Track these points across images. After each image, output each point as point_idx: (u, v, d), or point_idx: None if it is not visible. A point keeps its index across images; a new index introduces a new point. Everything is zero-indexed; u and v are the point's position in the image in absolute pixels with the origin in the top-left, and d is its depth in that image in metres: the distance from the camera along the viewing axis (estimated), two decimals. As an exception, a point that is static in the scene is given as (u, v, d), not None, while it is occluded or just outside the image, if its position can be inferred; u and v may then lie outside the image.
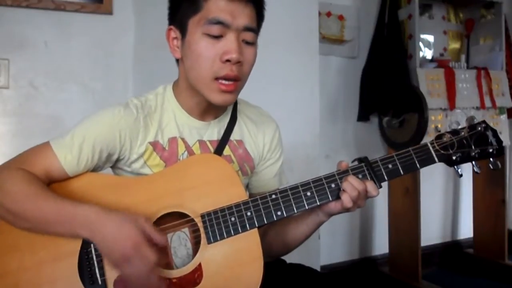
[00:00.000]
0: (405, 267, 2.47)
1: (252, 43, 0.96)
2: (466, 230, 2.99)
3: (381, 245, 2.70)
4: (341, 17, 2.51)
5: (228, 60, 0.92)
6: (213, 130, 1.05)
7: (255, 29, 0.95)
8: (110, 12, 1.82)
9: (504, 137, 2.47)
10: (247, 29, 0.93)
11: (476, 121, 0.98)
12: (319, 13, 2.24)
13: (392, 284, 2.52)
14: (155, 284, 0.84)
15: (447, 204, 3.02)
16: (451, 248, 2.97)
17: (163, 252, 0.93)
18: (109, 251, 0.84)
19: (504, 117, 2.57)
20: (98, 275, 0.89)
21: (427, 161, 0.96)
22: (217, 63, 0.92)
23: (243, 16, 0.92)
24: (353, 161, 0.98)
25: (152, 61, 1.81)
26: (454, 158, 0.96)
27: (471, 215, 2.84)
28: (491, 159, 0.97)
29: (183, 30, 0.96)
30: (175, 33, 0.98)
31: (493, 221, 2.71)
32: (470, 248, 2.90)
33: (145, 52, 1.83)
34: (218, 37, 0.92)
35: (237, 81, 0.95)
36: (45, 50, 1.76)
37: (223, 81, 0.93)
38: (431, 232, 2.88)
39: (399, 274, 2.51)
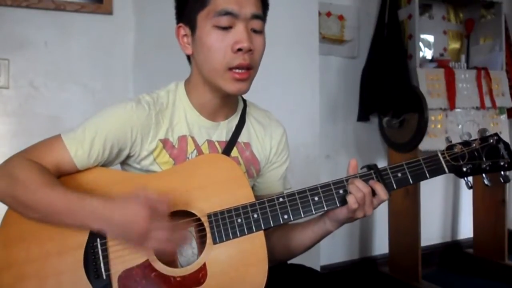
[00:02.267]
0: (405, 267, 2.47)
1: (260, 32, 0.97)
2: (466, 230, 2.99)
3: (381, 245, 2.70)
4: (341, 17, 2.51)
5: (239, 50, 0.92)
6: (222, 131, 1.06)
7: (262, 17, 0.97)
8: (110, 12, 1.82)
9: (504, 137, 2.44)
10: (255, 16, 0.94)
11: (488, 133, 0.97)
12: (319, 13, 2.24)
13: (392, 284, 2.52)
14: (182, 238, 0.90)
15: (447, 204, 3.02)
16: (451, 248, 2.97)
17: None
18: (126, 236, 0.86)
19: (504, 117, 2.57)
20: (103, 270, 0.89)
21: (437, 171, 0.96)
22: (229, 54, 0.93)
23: (250, 5, 0.93)
24: (362, 168, 0.98)
25: (152, 61, 1.81)
26: (464, 169, 0.95)
27: (471, 215, 2.84)
28: (502, 172, 0.96)
29: (192, 26, 0.97)
30: (184, 30, 0.99)
31: (493, 221, 2.71)
32: (470, 248, 2.90)
33: (145, 52, 1.83)
34: (227, 28, 0.93)
35: (250, 69, 0.96)
36: (45, 50, 1.76)
37: (237, 70, 0.94)
38: (431, 232, 2.88)
39: (399, 274, 2.51)
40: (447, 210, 3.02)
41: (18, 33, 1.71)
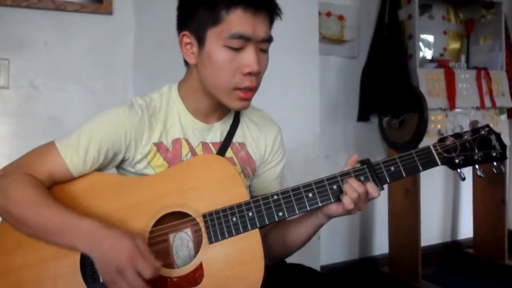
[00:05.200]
0: (405, 267, 2.47)
1: (266, 51, 0.98)
2: (466, 230, 2.99)
3: (381, 245, 2.70)
4: (341, 17, 2.51)
5: (249, 73, 0.93)
6: (216, 133, 1.06)
7: (272, 39, 0.97)
8: (110, 12, 1.82)
9: (504, 137, 2.45)
10: (265, 40, 0.95)
11: (479, 125, 0.97)
12: (319, 13, 2.24)
13: (392, 284, 2.52)
14: None
15: (447, 204, 3.02)
16: (451, 248, 2.97)
17: (164, 252, 0.93)
18: (105, 264, 0.84)
19: (504, 117, 2.57)
20: (99, 273, 0.89)
21: (430, 163, 0.95)
22: (238, 75, 0.94)
23: (262, 28, 0.94)
24: (356, 162, 0.98)
25: (152, 61, 1.81)
26: (457, 161, 0.95)
27: (471, 215, 2.84)
28: (494, 163, 0.96)
29: (200, 39, 0.95)
30: (189, 39, 0.97)
31: (493, 221, 2.71)
32: (470, 248, 2.90)
33: (145, 52, 1.83)
34: (238, 49, 0.93)
35: (255, 89, 0.98)
36: (45, 50, 1.76)
37: (243, 90, 0.95)
38: (431, 232, 2.88)
39: (399, 274, 2.51)
40: (447, 210, 3.02)
41: (18, 33, 1.71)
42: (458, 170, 0.97)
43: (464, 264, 2.83)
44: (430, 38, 2.70)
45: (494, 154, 0.96)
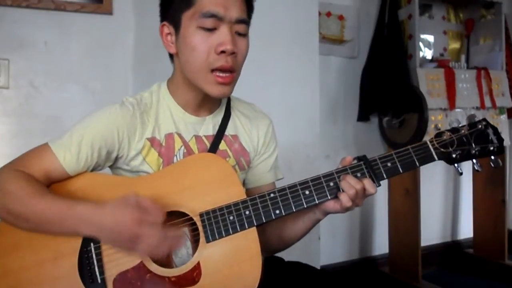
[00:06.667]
0: (405, 267, 2.47)
1: (244, 35, 0.98)
2: (466, 230, 2.99)
3: (381, 245, 2.70)
4: (341, 17, 2.51)
5: (223, 52, 0.94)
6: (208, 126, 1.07)
7: (247, 21, 0.98)
8: (110, 12, 1.82)
9: (504, 137, 2.46)
10: (240, 21, 0.95)
11: (476, 119, 0.97)
12: (319, 13, 2.24)
13: (392, 284, 2.52)
14: (175, 241, 0.88)
15: (447, 204, 3.02)
16: (451, 248, 2.97)
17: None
18: (117, 239, 0.86)
19: (504, 117, 2.57)
20: (97, 274, 0.90)
21: (427, 159, 0.95)
22: (212, 55, 0.94)
23: (235, 9, 0.94)
24: (352, 160, 0.98)
25: (152, 61, 1.81)
26: (454, 156, 0.95)
27: (471, 215, 2.84)
28: (492, 157, 0.96)
29: (176, 25, 0.97)
30: (168, 28, 1.00)
31: (493, 221, 2.71)
32: (470, 248, 2.90)
33: (145, 52, 1.83)
34: (212, 29, 0.94)
35: (233, 72, 0.97)
36: (45, 50, 1.76)
37: (220, 73, 0.95)
38: (431, 232, 2.88)
39: (399, 274, 2.51)
40: (447, 210, 3.02)
41: (18, 33, 1.72)
42: (455, 165, 0.97)
43: (464, 264, 2.83)
44: (430, 38, 2.70)
45: (491, 148, 0.95)
